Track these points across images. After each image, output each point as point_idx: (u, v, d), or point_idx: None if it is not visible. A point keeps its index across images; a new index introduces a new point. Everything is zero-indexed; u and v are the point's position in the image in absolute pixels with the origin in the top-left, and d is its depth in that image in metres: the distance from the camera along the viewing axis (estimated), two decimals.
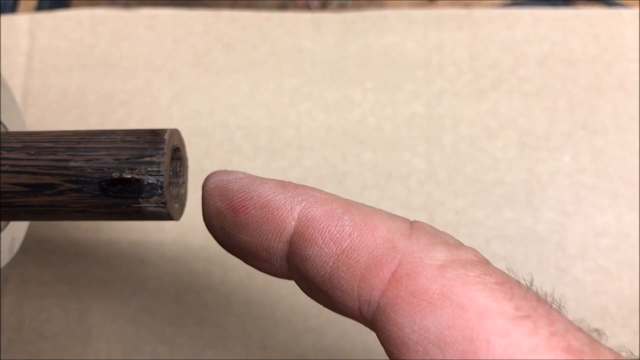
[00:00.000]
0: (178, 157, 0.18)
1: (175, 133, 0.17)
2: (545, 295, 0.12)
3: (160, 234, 0.30)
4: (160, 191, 0.16)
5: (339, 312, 0.14)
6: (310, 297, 0.15)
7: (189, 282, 0.29)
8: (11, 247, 0.20)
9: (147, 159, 0.16)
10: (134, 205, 0.16)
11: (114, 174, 0.16)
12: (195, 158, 0.30)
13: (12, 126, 0.20)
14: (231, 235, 0.15)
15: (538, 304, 0.11)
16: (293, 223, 0.14)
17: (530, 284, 0.12)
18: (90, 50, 0.33)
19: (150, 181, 0.16)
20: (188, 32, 0.33)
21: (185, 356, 0.28)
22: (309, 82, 0.31)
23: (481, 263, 0.13)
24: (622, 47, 0.31)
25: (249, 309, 0.29)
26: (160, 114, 0.31)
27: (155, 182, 0.16)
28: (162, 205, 0.16)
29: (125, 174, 0.16)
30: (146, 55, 0.32)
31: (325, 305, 0.14)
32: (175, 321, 0.29)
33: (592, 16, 0.32)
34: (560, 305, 0.12)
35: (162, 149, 0.16)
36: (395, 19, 0.32)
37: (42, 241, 0.30)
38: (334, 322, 0.28)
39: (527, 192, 0.30)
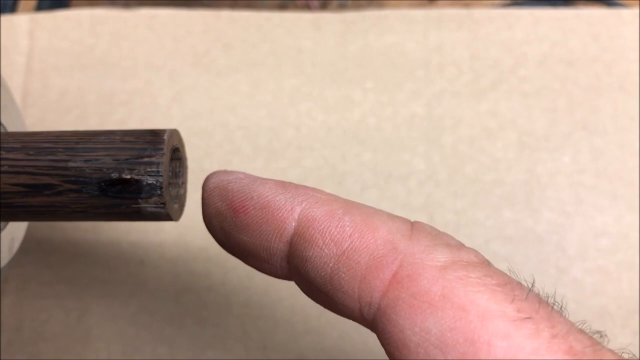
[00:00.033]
0: (177, 157, 0.17)
1: (174, 133, 0.17)
2: (547, 296, 0.12)
3: (160, 234, 0.30)
4: (159, 191, 0.16)
5: (339, 313, 0.14)
6: (311, 298, 0.15)
7: (188, 283, 0.29)
8: (10, 247, 0.20)
9: (146, 159, 0.16)
10: (133, 205, 0.16)
11: (113, 175, 0.16)
12: (195, 158, 0.30)
13: (11, 126, 0.20)
14: (231, 236, 0.15)
15: (539, 305, 0.11)
16: (293, 224, 0.14)
17: (531, 286, 0.12)
18: (90, 50, 0.32)
19: (149, 182, 0.15)
20: (188, 32, 0.33)
21: (185, 356, 0.28)
22: (308, 82, 0.31)
23: (482, 264, 0.12)
24: (622, 47, 0.31)
25: (249, 309, 0.29)
26: (160, 114, 0.31)
27: (155, 182, 0.15)
28: (162, 205, 0.16)
29: (125, 175, 0.16)
30: (146, 55, 0.32)
31: (326, 306, 0.14)
32: (175, 322, 0.29)
33: (592, 16, 0.32)
34: (561, 307, 0.12)
35: (162, 149, 0.16)
36: (395, 19, 0.32)
37: (41, 241, 0.30)
38: (334, 323, 0.28)
39: (526, 193, 0.29)
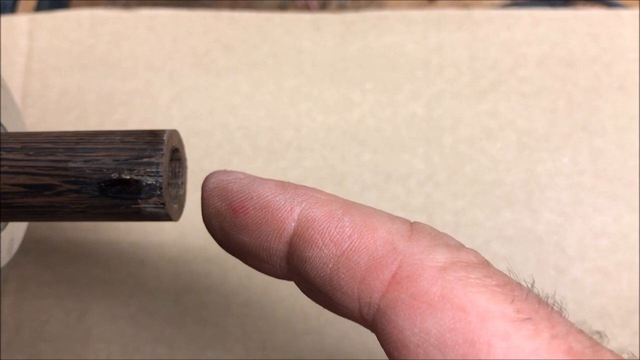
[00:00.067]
0: (177, 157, 0.17)
1: (174, 134, 0.17)
2: (547, 297, 0.12)
3: (160, 234, 0.30)
4: (159, 192, 0.16)
5: (338, 314, 0.14)
6: (310, 298, 0.15)
7: (188, 283, 0.29)
8: (10, 247, 0.20)
9: (146, 159, 0.16)
10: (133, 206, 0.16)
11: (112, 175, 0.16)
12: (195, 159, 0.30)
13: (11, 127, 0.20)
14: (231, 236, 0.15)
15: (539, 306, 0.11)
16: (293, 224, 0.14)
17: (531, 286, 0.12)
18: (90, 50, 0.32)
19: (149, 182, 0.16)
20: (188, 32, 0.33)
21: (185, 356, 0.28)
22: (308, 83, 0.31)
23: (482, 265, 0.12)
24: (622, 47, 0.31)
25: (248, 309, 0.29)
26: (160, 114, 0.31)
27: (154, 183, 0.15)
28: (161, 206, 0.16)
29: (124, 175, 0.16)
30: (146, 55, 0.32)
31: (325, 307, 0.14)
32: (175, 322, 0.29)
33: (591, 17, 0.32)
34: (561, 307, 0.12)
35: (161, 149, 0.16)
36: (395, 19, 0.32)
37: (41, 242, 0.30)
38: (333, 323, 0.28)
39: (526, 193, 0.29)
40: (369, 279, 0.13)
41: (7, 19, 0.33)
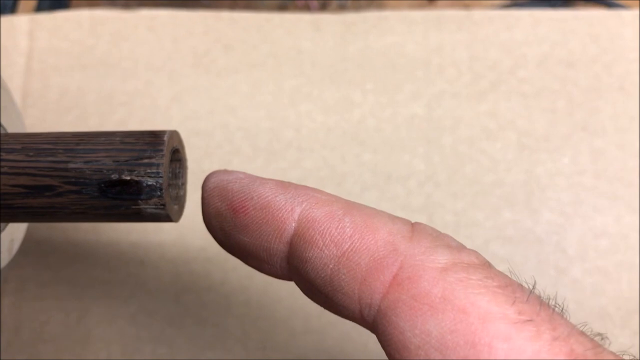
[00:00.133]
0: (177, 158, 0.17)
1: (174, 134, 0.17)
2: (548, 298, 0.12)
3: (160, 235, 0.30)
4: (159, 193, 0.16)
5: (339, 314, 0.14)
6: (310, 299, 0.15)
7: (188, 283, 0.29)
8: (10, 248, 0.20)
9: (146, 160, 0.16)
10: (133, 207, 0.16)
11: (112, 176, 0.16)
12: (195, 159, 0.30)
13: (11, 127, 0.20)
14: (231, 236, 0.15)
15: (540, 307, 0.11)
16: (293, 224, 0.14)
17: (532, 287, 0.12)
18: (90, 51, 0.32)
19: (149, 183, 0.15)
20: (188, 33, 0.33)
21: (185, 357, 0.28)
22: (308, 83, 0.31)
23: (483, 266, 0.12)
24: (622, 48, 0.31)
25: (248, 309, 0.29)
26: (160, 114, 0.31)
27: (154, 183, 0.15)
28: (161, 207, 0.16)
29: (124, 176, 0.16)
30: (146, 56, 0.32)
31: (326, 307, 0.14)
32: (175, 322, 0.29)
33: (591, 17, 0.32)
34: (562, 309, 0.12)
35: (161, 150, 0.16)
36: (395, 20, 0.32)
37: (41, 242, 0.30)
38: (334, 324, 0.28)
39: (526, 193, 0.29)
40: (370, 279, 0.13)
41: (7, 19, 0.33)
